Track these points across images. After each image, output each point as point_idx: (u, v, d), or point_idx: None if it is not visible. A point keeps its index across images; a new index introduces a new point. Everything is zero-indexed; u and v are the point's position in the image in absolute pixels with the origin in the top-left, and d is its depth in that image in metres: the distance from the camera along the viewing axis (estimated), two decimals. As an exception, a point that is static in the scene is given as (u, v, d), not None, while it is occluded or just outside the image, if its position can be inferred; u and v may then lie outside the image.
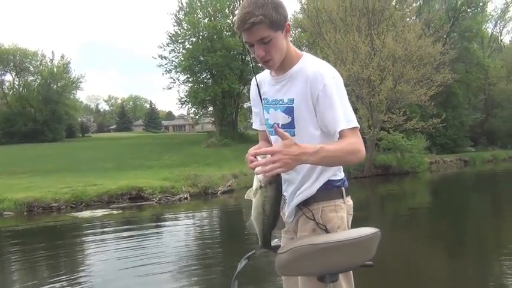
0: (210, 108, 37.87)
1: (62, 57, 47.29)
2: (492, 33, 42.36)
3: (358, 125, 1.69)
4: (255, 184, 1.62)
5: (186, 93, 35.62)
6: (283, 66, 1.77)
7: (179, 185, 15.06)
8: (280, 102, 1.80)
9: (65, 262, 7.40)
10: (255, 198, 1.63)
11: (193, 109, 38.07)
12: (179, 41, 34.66)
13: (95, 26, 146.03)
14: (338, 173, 1.84)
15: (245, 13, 1.60)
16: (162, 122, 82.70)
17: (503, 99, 37.37)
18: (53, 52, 53.01)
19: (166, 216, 12.63)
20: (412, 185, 19.98)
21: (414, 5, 26.34)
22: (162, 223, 11.58)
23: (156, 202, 13.81)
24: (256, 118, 2.03)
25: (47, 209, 12.60)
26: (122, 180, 15.51)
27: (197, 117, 39.79)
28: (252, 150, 1.69)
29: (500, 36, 43.61)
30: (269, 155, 1.52)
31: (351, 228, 1.86)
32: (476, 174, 24.62)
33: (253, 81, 1.96)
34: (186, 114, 53.56)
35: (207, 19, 34.02)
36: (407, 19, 23.97)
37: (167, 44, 34.71)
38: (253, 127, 2.08)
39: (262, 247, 1.74)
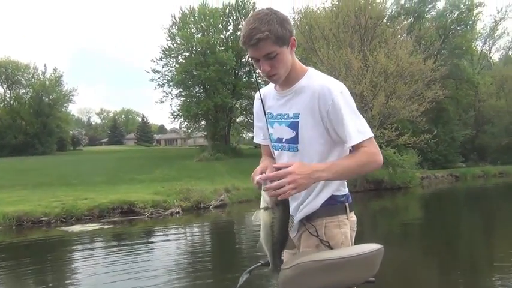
0: (203, 122, 37.89)
1: (55, 70, 47.32)
2: (482, 50, 43.04)
3: (372, 135, 1.71)
4: (262, 205, 1.62)
5: (178, 107, 35.72)
6: (288, 81, 1.77)
7: (171, 199, 14.93)
8: (285, 116, 1.79)
9: (53, 277, 7.26)
10: (263, 219, 1.62)
11: (185, 123, 38.14)
12: (172, 55, 34.84)
13: (88, 39, 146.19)
14: (342, 188, 1.82)
15: (251, 29, 1.60)
16: (154, 135, 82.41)
17: (493, 116, 37.81)
18: (45, 65, 53.15)
19: (158, 230, 12.47)
20: (404, 200, 20.01)
21: (405, 22, 26.73)
22: (154, 238, 11.44)
23: (147, 216, 13.66)
24: (259, 132, 2.01)
25: (36, 223, 12.38)
26: (113, 194, 15.34)
27: (189, 131, 39.79)
28: (259, 169, 1.72)
29: (490, 53, 44.39)
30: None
31: (354, 243, 1.84)
32: (467, 189, 24.74)
33: (256, 96, 1.95)
34: (178, 128, 53.50)
35: (200, 34, 34.26)
36: (399, 36, 24.27)
37: (160, 58, 34.96)
38: (255, 141, 2.06)
39: (274, 270, 1.72)
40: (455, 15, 35.56)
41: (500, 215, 14.10)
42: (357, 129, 1.66)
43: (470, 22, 36.76)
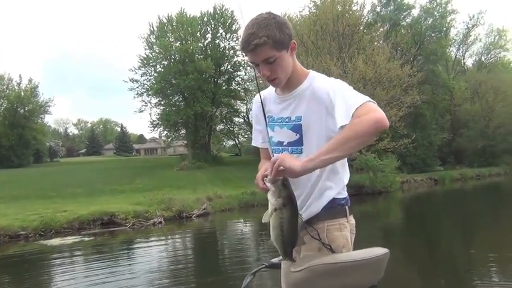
0: (183, 131, 37.65)
1: (30, 80, 46.30)
2: (456, 56, 44.02)
3: (364, 100, 1.55)
4: (270, 207, 1.63)
5: (158, 116, 35.39)
6: (289, 84, 1.76)
7: (153, 209, 14.75)
8: (287, 120, 1.79)
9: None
10: (272, 220, 1.64)
11: (165, 132, 37.80)
12: (151, 64, 34.57)
13: (64, 48, 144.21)
14: (342, 192, 1.81)
15: (249, 34, 1.61)
16: (134, 145, 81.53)
17: (469, 120, 38.66)
18: (20, 76, 52.02)
19: (140, 241, 12.29)
20: (385, 204, 20.22)
21: (381, 29, 27.20)
22: (135, 248, 11.28)
23: (129, 227, 13.45)
24: (258, 135, 2.00)
25: (14, 238, 12.04)
26: (93, 205, 15.08)
27: (169, 140, 39.49)
28: (261, 174, 1.68)
29: (463, 59, 45.35)
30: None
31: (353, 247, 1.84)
32: (446, 192, 25.15)
33: (256, 99, 1.94)
34: (158, 137, 53.11)
35: (179, 42, 34.09)
36: (376, 43, 24.68)
37: (139, 67, 34.59)
38: (254, 144, 2.04)
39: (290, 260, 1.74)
40: (429, 22, 36.39)
41: (478, 218, 14.38)
42: (345, 106, 1.55)
43: (444, 29, 37.63)
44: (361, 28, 25.86)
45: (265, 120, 1.86)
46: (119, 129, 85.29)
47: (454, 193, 24.66)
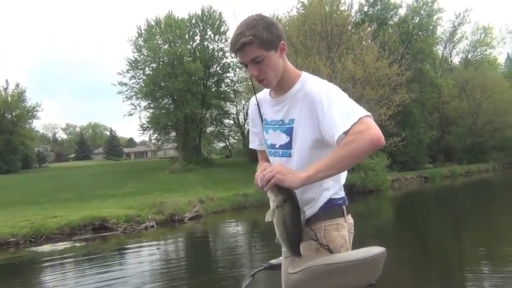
0: (173, 134, 37.53)
1: (17, 85, 45.66)
2: (443, 54, 44.41)
3: (361, 115, 1.52)
4: (272, 205, 1.64)
5: (147, 119, 35.24)
6: (282, 87, 1.76)
7: (145, 213, 14.67)
8: (280, 122, 1.79)
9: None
10: (274, 218, 1.65)
11: (155, 135, 37.68)
12: (139, 67, 34.42)
13: (51, 52, 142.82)
14: (339, 192, 1.82)
15: (237, 34, 1.63)
16: (123, 149, 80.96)
17: (457, 117, 39.01)
18: (7, 81, 51.15)
19: (132, 245, 12.20)
20: (377, 203, 20.32)
21: (369, 29, 27.31)
22: (127, 253, 11.19)
23: (121, 232, 13.36)
24: (255, 138, 2.01)
25: (3, 245, 11.90)
26: (83, 210, 14.97)
27: (160, 143, 39.35)
28: (259, 173, 1.69)
29: (450, 57, 45.75)
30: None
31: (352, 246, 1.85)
32: (436, 190, 25.36)
33: (252, 101, 1.95)
34: (148, 140, 52.78)
35: (167, 45, 33.98)
36: (364, 42, 24.79)
37: (127, 71, 34.42)
38: (251, 147, 2.05)
39: (294, 253, 1.73)
40: (416, 21, 36.63)
41: (469, 214, 14.53)
42: (342, 117, 1.54)
43: (431, 27, 37.92)
44: (349, 28, 25.96)
45: (262, 122, 1.87)
46: (108, 133, 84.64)
47: (444, 190, 24.86)
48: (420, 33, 36.94)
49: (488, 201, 17.52)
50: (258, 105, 1.88)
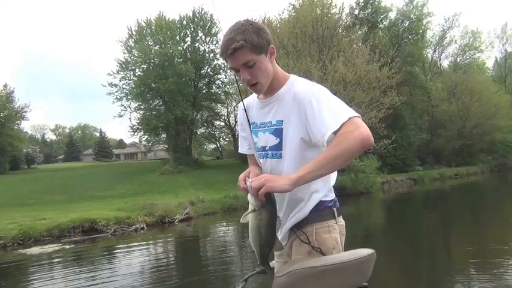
0: (163, 135, 37.38)
1: (5, 86, 45.18)
2: (432, 58, 44.84)
3: (351, 115, 1.55)
4: (250, 208, 1.65)
5: (138, 121, 35.08)
6: (270, 89, 1.78)
7: (135, 214, 14.58)
8: (269, 124, 1.80)
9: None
10: (250, 221, 1.66)
11: (145, 136, 37.47)
12: (130, 68, 34.24)
13: (40, 53, 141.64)
14: (329, 194, 1.83)
15: (227, 40, 1.65)
16: (113, 150, 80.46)
17: (446, 120, 39.38)
18: (-5, 81, 50.70)
19: (122, 248, 12.08)
20: (367, 205, 20.40)
21: (360, 32, 27.51)
22: (117, 255, 11.09)
23: (111, 234, 13.25)
24: (244, 142, 2.02)
25: (-9, 247, 11.75)
26: (73, 212, 14.82)
27: (150, 144, 39.14)
28: (243, 175, 1.75)
29: (440, 60, 46.17)
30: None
31: (344, 248, 1.85)
32: (426, 192, 25.51)
33: (240, 106, 1.96)
34: (138, 142, 52.52)
35: (158, 46, 33.87)
36: (355, 45, 24.93)
37: (117, 72, 34.21)
38: (240, 151, 2.05)
39: (261, 265, 1.76)
40: (406, 25, 36.95)
41: (457, 217, 14.63)
42: (333, 117, 1.55)
43: (421, 31, 38.26)
44: (340, 31, 26.09)
45: (250, 127, 1.88)
46: (97, 135, 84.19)
47: (433, 193, 25.04)
48: (410, 36, 37.30)
49: (476, 204, 17.69)
50: (245, 110, 1.90)
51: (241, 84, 1.88)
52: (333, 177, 1.87)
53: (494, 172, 36.70)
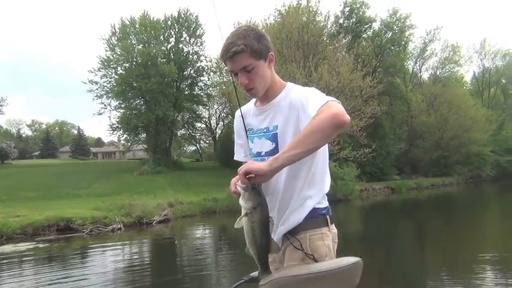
0: (143, 135, 36.97)
1: (-19, 78, 44.17)
2: (413, 69, 45.56)
3: (331, 98, 1.61)
4: (242, 212, 1.65)
5: (117, 119, 34.60)
6: (268, 96, 1.82)
7: (112, 215, 14.36)
8: (265, 130, 1.83)
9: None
10: (244, 225, 1.65)
11: (125, 136, 36.97)
12: (111, 66, 33.76)
13: (19, 47, 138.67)
14: (323, 201, 1.84)
15: (228, 43, 1.70)
16: (91, 148, 79.23)
17: (424, 131, 40.03)
18: (-30, 73, 49.41)
19: (97, 248, 11.89)
20: (345, 212, 20.52)
21: (344, 40, 27.73)
22: (92, 256, 10.90)
23: (86, 233, 13.02)
24: (240, 149, 2.04)
25: (-39, 244, 11.39)
26: (48, 210, 14.51)
27: (129, 144, 38.63)
28: (234, 179, 1.74)
29: (420, 72, 46.86)
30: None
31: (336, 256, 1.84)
32: (403, 201, 25.88)
33: (237, 113, 1.98)
34: (116, 140, 51.83)
35: (141, 45, 33.57)
36: (339, 53, 25.15)
37: (99, 69, 33.70)
38: (236, 158, 2.06)
39: (263, 273, 1.72)
40: (389, 36, 37.52)
41: (433, 226, 14.93)
42: (315, 102, 1.61)
43: (403, 43, 38.89)
44: (324, 38, 26.31)
45: (246, 134, 1.90)
46: (75, 132, 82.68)
47: (410, 202, 25.41)
48: (392, 47, 37.87)
49: (450, 214, 18.03)
50: (242, 116, 1.91)
51: (238, 87, 1.86)
52: (327, 184, 1.89)
53: (469, 184, 37.49)
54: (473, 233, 12.59)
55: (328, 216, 1.83)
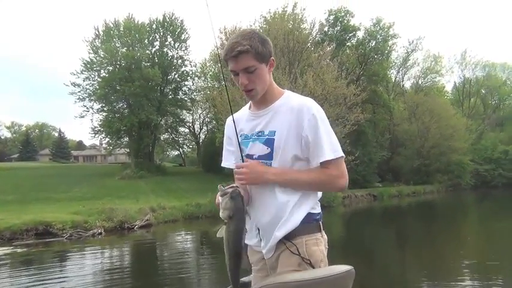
0: (126, 139, 36.55)
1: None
2: (396, 78, 46.16)
3: (343, 155, 1.76)
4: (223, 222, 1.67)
5: (100, 123, 34.16)
6: (265, 100, 1.83)
7: (93, 219, 14.12)
8: (260, 134, 1.82)
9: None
10: (223, 235, 1.68)
11: (107, 139, 36.55)
12: (94, 68, 33.36)
13: (3, 50, 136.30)
14: (316, 207, 1.84)
15: (233, 42, 1.71)
16: (72, 152, 77.98)
17: (406, 139, 40.53)
18: None
19: (77, 253, 11.69)
20: (328, 219, 20.44)
21: (328, 48, 27.95)
22: (71, 261, 10.70)
23: (66, 238, 12.77)
24: (230, 156, 2.01)
25: None
26: (26, 214, 14.20)
27: (111, 147, 38.17)
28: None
29: (402, 81, 47.52)
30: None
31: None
32: (384, 208, 26.11)
33: (229, 119, 1.97)
34: (98, 144, 51.17)
35: (125, 48, 33.28)
36: (323, 61, 25.31)
37: (81, 71, 33.25)
38: (225, 165, 2.05)
39: (232, 284, 1.75)
40: (373, 45, 37.93)
41: (413, 232, 15.13)
42: (331, 147, 1.73)
43: (386, 52, 39.33)
44: (309, 46, 26.47)
45: (238, 141, 1.87)
46: (56, 134, 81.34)
47: (391, 209, 25.65)
48: (376, 56, 38.26)
49: (431, 221, 18.27)
50: (233, 121, 1.91)
51: (241, 89, 1.84)
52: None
53: (448, 192, 38.02)
54: (453, 239, 12.80)
55: (320, 222, 1.85)
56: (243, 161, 1.83)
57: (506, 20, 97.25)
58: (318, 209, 1.84)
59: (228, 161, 2.01)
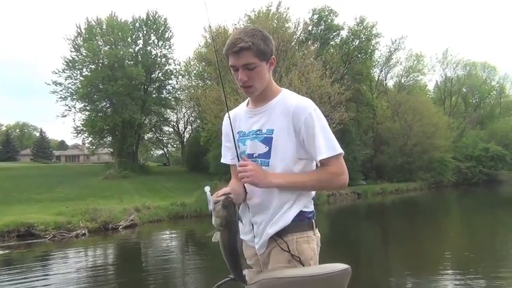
0: (109, 139, 36.16)
1: None
2: (379, 77, 46.55)
3: (341, 151, 1.77)
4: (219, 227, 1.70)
5: (82, 122, 33.75)
6: (263, 98, 1.85)
7: (76, 220, 13.95)
8: (258, 132, 1.84)
9: None
10: (219, 240, 1.70)
11: (90, 139, 36.11)
12: (77, 67, 32.95)
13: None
14: (309, 205, 1.86)
15: (236, 38, 1.73)
16: (54, 151, 76.81)
17: (389, 137, 40.92)
18: None
19: (60, 254, 11.55)
20: (313, 217, 20.77)
21: (312, 47, 28.06)
22: (54, 262, 10.57)
23: (49, 239, 12.58)
24: (227, 153, 2.03)
25: None
26: (7, 215, 13.97)
27: (94, 147, 37.72)
28: (221, 191, 1.77)
29: (385, 80, 47.90)
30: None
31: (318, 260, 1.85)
32: (368, 206, 26.37)
33: (226, 117, 1.97)
34: (81, 144, 50.54)
35: (108, 47, 32.89)
36: (308, 60, 25.41)
37: (63, 70, 32.79)
38: (223, 161, 2.07)
39: (236, 279, 1.82)
40: (356, 44, 38.18)
41: (396, 229, 15.36)
42: (327, 144, 1.74)
43: (369, 51, 39.64)
44: (293, 44, 26.54)
45: (234, 138, 1.88)
46: (37, 134, 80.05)
47: (375, 206, 25.92)
48: (359, 55, 38.53)
49: (414, 218, 18.53)
50: (229, 118, 1.91)
51: (239, 84, 1.84)
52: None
53: (431, 189, 38.56)
54: (435, 235, 13.04)
55: (313, 220, 1.86)
56: (238, 158, 1.84)
57: (486, 20, 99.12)
58: (311, 208, 1.86)
59: (226, 157, 2.03)
